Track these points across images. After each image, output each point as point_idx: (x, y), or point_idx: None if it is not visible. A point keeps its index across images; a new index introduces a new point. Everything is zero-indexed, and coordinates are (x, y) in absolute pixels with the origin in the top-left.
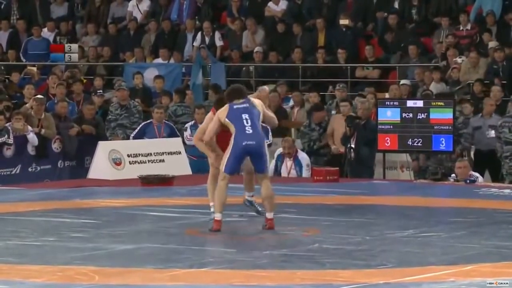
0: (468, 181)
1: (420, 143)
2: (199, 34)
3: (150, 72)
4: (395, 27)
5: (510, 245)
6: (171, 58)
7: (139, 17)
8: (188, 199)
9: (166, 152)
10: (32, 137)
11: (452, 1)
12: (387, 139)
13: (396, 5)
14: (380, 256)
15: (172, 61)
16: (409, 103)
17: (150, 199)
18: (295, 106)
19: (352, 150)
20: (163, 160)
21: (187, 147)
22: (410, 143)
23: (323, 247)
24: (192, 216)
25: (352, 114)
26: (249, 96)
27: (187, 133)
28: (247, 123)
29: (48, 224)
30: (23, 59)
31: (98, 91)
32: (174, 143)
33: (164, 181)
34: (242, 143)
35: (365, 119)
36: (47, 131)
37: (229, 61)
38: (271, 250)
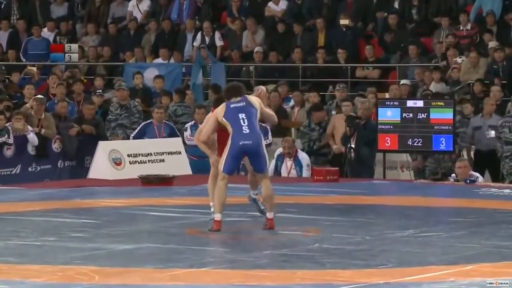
0: (468, 181)
1: (420, 143)
2: (199, 34)
3: (150, 72)
4: (395, 27)
5: (510, 245)
6: (171, 58)
7: (139, 17)
8: (188, 199)
9: (166, 152)
10: (32, 137)
11: (452, 1)
12: (387, 139)
13: (396, 5)
14: (380, 256)
15: (172, 61)
16: (409, 103)
17: (150, 199)
18: (295, 106)
19: (352, 150)
20: (163, 160)
21: (187, 147)
22: (410, 143)
23: (323, 247)
24: (192, 216)
25: (352, 114)
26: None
27: (187, 133)
28: (244, 123)
29: (48, 224)
30: (23, 59)
31: (98, 91)
32: (174, 143)
33: (164, 181)
34: (239, 143)
35: (365, 119)
36: (47, 131)
37: (229, 61)
38: (271, 250)
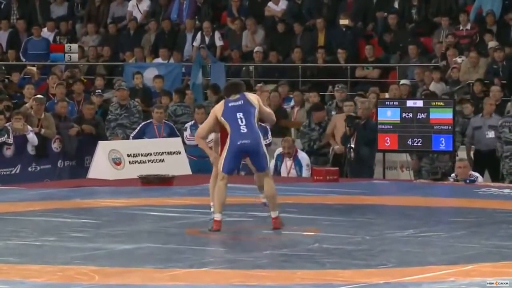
0: (468, 181)
1: (420, 143)
2: (199, 34)
3: (150, 72)
4: (395, 27)
5: (510, 245)
6: (171, 58)
7: (139, 17)
8: (188, 199)
9: (166, 152)
10: (32, 137)
11: (452, 1)
12: (387, 139)
13: (396, 5)
14: (380, 256)
15: (172, 61)
16: (409, 103)
17: (150, 199)
18: (295, 106)
19: (352, 150)
20: (163, 160)
21: (187, 147)
22: (410, 143)
23: (323, 247)
24: (192, 216)
25: (352, 114)
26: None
27: (187, 133)
28: (242, 122)
29: (48, 224)
30: (23, 59)
31: (97, 91)
32: (174, 143)
33: (164, 181)
34: (237, 143)
35: (365, 119)
36: (47, 131)
37: (229, 61)
38: (271, 250)
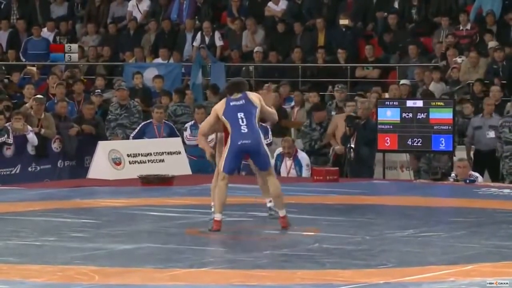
0: (468, 181)
1: (420, 143)
2: (199, 34)
3: (150, 72)
4: (395, 27)
5: (510, 245)
6: (171, 58)
7: (139, 17)
8: (188, 199)
9: (166, 152)
10: (32, 137)
11: (452, 1)
12: (387, 139)
13: (396, 5)
14: (380, 256)
15: (172, 61)
16: (409, 103)
17: (150, 199)
18: (295, 106)
19: (352, 150)
20: (163, 160)
21: (187, 147)
22: (410, 143)
23: (323, 247)
24: (192, 216)
25: (352, 114)
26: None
27: (187, 133)
28: (242, 122)
29: (48, 224)
30: (23, 59)
31: (96, 91)
32: (174, 143)
33: (164, 181)
34: (238, 143)
35: (365, 119)
36: (47, 131)
37: (229, 61)
38: (271, 250)
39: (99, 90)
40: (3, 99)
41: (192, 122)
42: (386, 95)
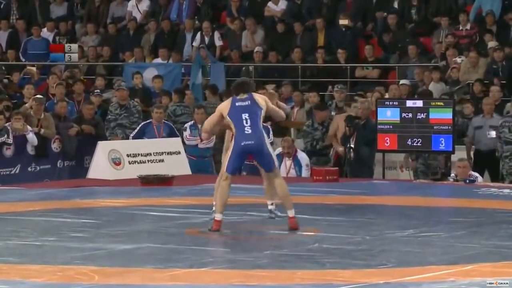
0: (468, 181)
1: (420, 143)
2: (199, 34)
3: (150, 72)
4: (395, 27)
5: (510, 245)
6: (170, 58)
7: (139, 17)
8: (188, 199)
9: (166, 152)
10: (32, 137)
11: (452, 1)
12: (387, 139)
13: (396, 5)
14: (380, 256)
15: (171, 61)
16: (409, 103)
17: (150, 199)
18: (295, 106)
19: (352, 150)
20: (163, 160)
21: (187, 147)
22: (410, 143)
23: (323, 247)
24: (192, 216)
25: (352, 114)
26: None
27: (187, 133)
28: (247, 123)
29: (48, 224)
30: (23, 59)
31: (96, 91)
32: (174, 143)
33: (164, 181)
34: (241, 143)
35: (365, 119)
36: (47, 131)
37: (229, 61)
38: (271, 250)
39: (98, 90)
40: (3, 99)
41: (192, 122)
42: (386, 95)
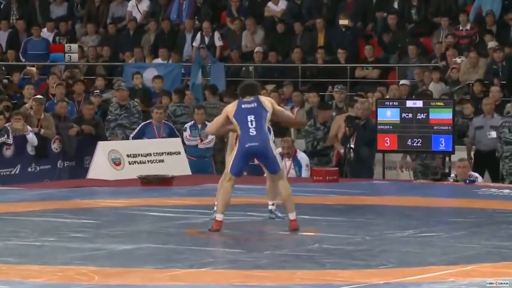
0: (468, 181)
1: (420, 143)
2: (199, 34)
3: (150, 72)
4: (395, 27)
5: (510, 245)
6: (170, 58)
7: (139, 17)
8: (188, 199)
9: (166, 152)
10: (32, 137)
11: (452, 1)
12: (387, 139)
13: (396, 5)
14: (380, 256)
15: (171, 61)
16: (409, 103)
17: (150, 199)
18: (295, 106)
19: (352, 150)
20: (163, 160)
21: (187, 148)
22: (410, 143)
23: (323, 247)
24: (192, 216)
25: (352, 114)
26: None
27: (187, 133)
28: (252, 125)
29: (48, 224)
30: (23, 59)
31: (95, 91)
32: (174, 143)
33: (164, 181)
34: (245, 145)
35: (365, 119)
36: (47, 131)
37: (229, 61)
38: (271, 250)
39: (98, 91)
40: (3, 99)
41: (192, 123)
42: (386, 95)
